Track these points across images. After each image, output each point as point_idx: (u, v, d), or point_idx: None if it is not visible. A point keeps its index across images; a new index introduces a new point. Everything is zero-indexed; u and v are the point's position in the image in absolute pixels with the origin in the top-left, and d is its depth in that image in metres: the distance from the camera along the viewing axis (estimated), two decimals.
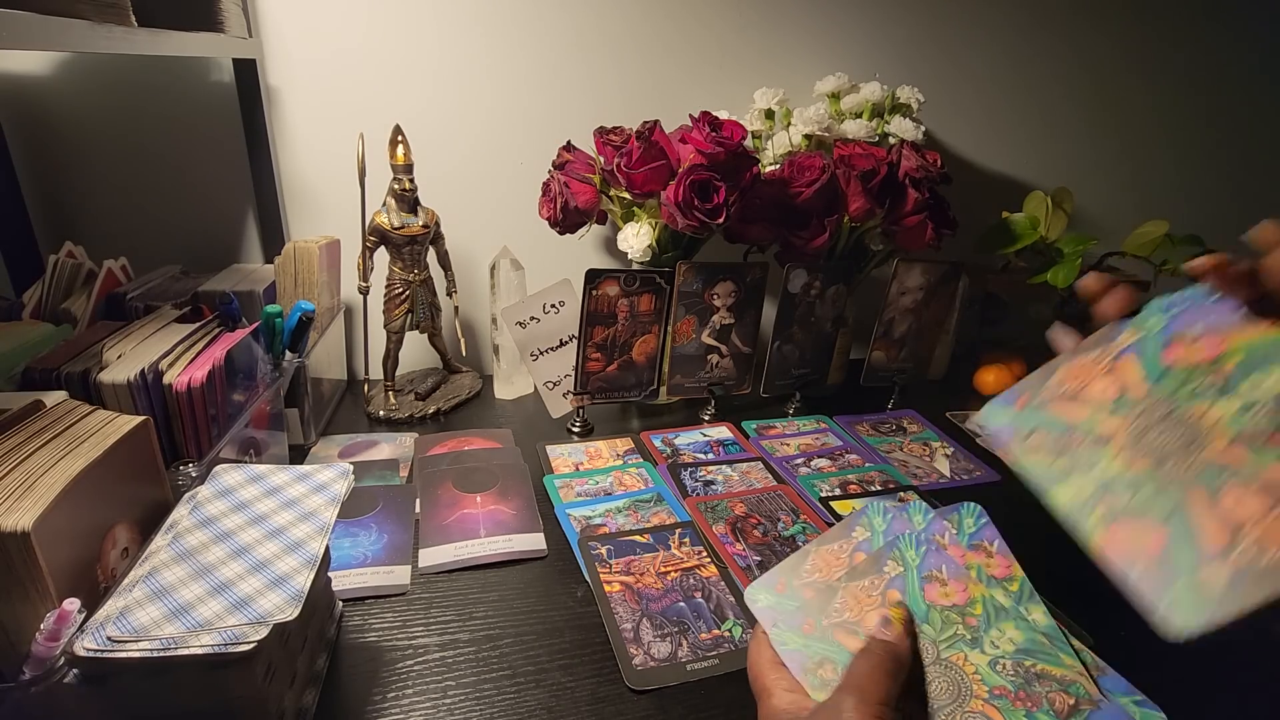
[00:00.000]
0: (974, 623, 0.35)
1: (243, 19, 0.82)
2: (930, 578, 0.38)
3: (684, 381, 0.93)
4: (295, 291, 0.85)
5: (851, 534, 0.40)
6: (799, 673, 0.38)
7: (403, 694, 0.52)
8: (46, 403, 0.49)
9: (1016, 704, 0.31)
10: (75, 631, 0.38)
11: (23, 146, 0.85)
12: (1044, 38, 1.09)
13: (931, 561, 0.38)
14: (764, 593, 0.41)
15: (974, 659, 0.33)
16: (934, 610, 0.36)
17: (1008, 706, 0.31)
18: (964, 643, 0.34)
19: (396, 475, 0.79)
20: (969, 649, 0.34)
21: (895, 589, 0.38)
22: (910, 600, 0.37)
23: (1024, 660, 0.32)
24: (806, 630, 0.39)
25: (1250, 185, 1.26)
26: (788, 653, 0.39)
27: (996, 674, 0.32)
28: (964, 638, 0.35)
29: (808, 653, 0.38)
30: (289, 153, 0.93)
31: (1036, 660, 0.32)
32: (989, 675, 0.33)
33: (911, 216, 0.89)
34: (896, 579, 0.39)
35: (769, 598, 0.40)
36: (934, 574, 0.38)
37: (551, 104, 0.97)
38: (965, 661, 0.34)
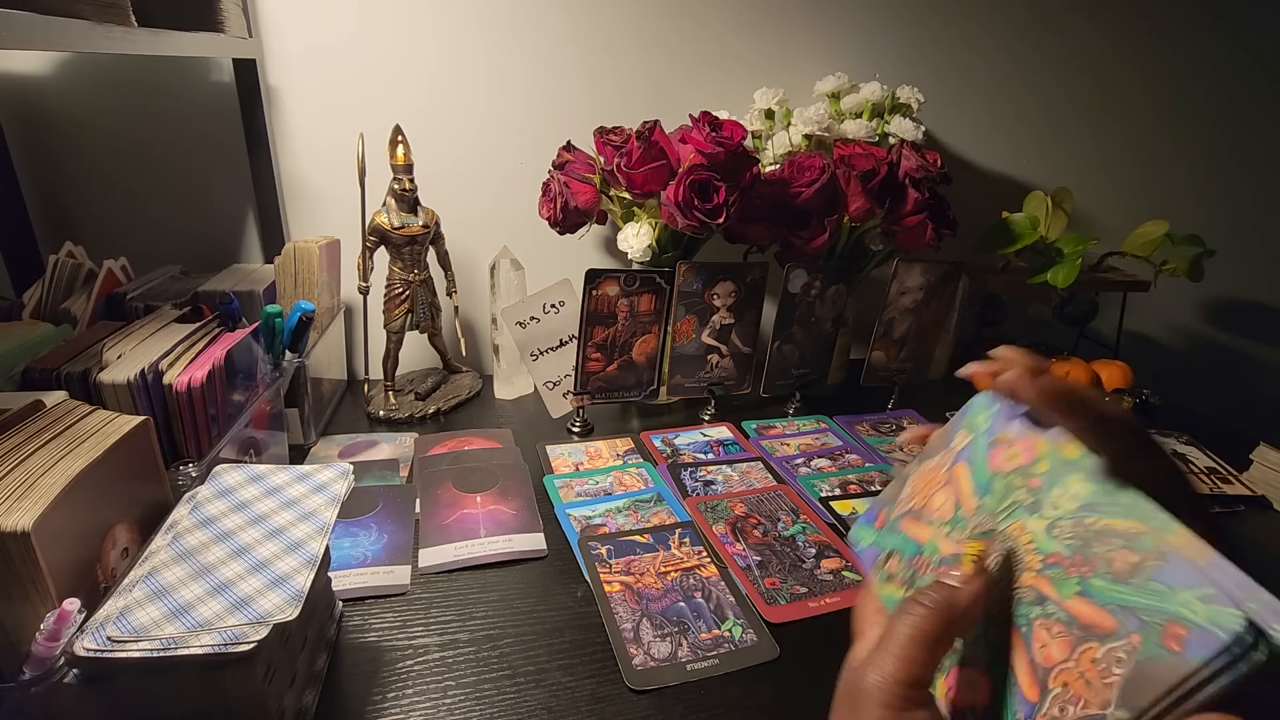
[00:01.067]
0: (1037, 483, 0.30)
1: (243, 19, 0.82)
2: (998, 441, 0.33)
3: (684, 381, 0.93)
4: (295, 291, 0.85)
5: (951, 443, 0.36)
6: (870, 570, 0.36)
7: (403, 694, 0.52)
8: (46, 403, 0.49)
9: (1071, 571, 0.27)
10: (75, 631, 0.38)
11: (23, 146, 0.85)
12: (1044, 37, 1.09)
13: (1002, 422, 0.33)
14: (865, 531, 0.38)
15: (1031, 526, 0.29)
16: (998, 478, 0.32)
17: (1060, 575, 0.27)
18: (1023, 509, 0.30)
19: (396, 475, 0.79)
20: (1028, 515, 0.30)
21: (963, 460, 0.34)
22: (976, 473, 0.33)
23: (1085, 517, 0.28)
24: (879, 525, 0.37)
25: (1250, 185, 1.26)
26: (862, 550, 0.37)
27: (1052, 539, 0.28)
28: (1024, 503, 0.30)
29: (878, 547, 0.36)
30: (289, 153, 0.93)
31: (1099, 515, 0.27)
32: (1044, 542, 0.28)
33: (911, 216, 0.89)
34: (965, 450, 0.34)
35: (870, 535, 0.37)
36: (1002, 435, 0.33)
37: (551, 104, 0.97)
38: (1022, 530, 0.30)
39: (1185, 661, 0.22)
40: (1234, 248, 1.16)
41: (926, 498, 0.35)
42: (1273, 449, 0.83)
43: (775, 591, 0.63)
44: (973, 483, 0.33)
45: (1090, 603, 0.26)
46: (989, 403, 0.35)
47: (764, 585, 0.64)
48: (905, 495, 0.36)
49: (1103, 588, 0.26)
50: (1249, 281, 1.31)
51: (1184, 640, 0.22)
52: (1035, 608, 0.28)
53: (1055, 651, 0.26)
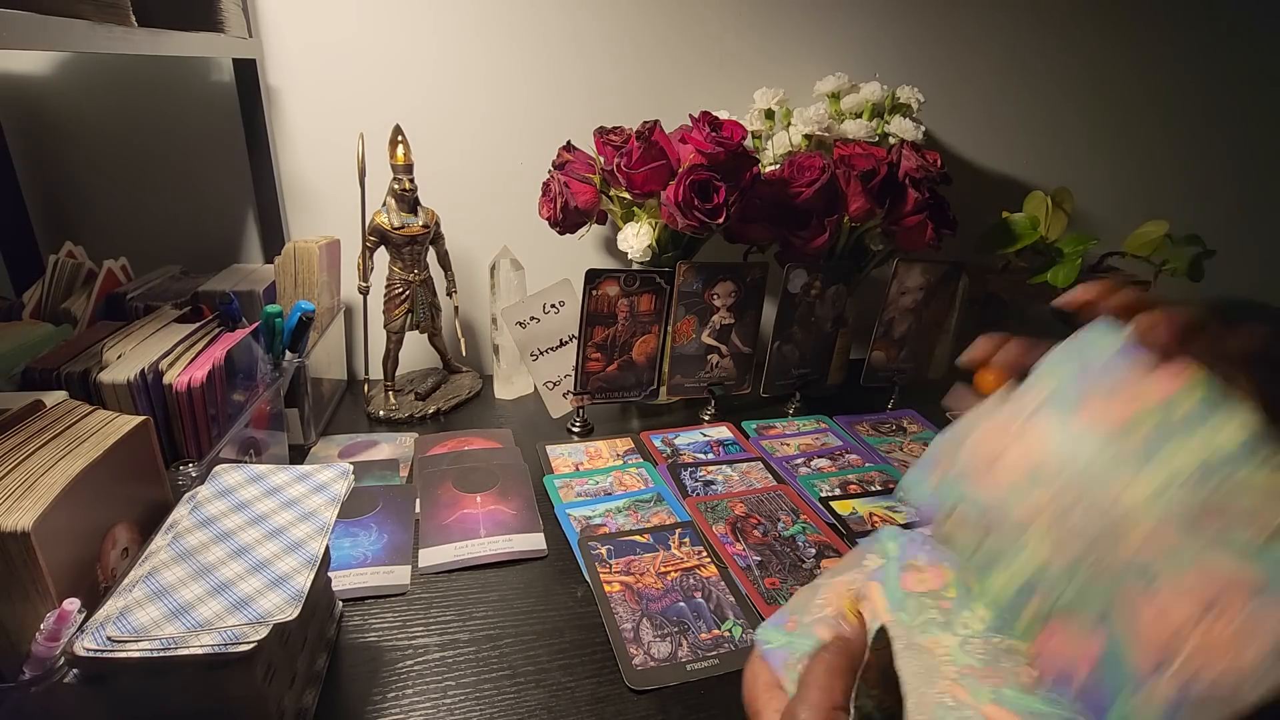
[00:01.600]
0: (947, 605, 0.34)
1: (243, 19, 0.82)
2: (909, 566, 0.37)
3: (684, 381, 0.93)
4: (295, 291, 0.85)
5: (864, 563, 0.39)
6: (780, 670, 0.38)
7: (403, 694, 0.52)
8: (46, 403, 0.49)
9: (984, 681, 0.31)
10: (75, 631, 0.38)
11: (23, 146, 0.85)
12: (1044, 38, 1.09)
13: (911, 550, 0.38)
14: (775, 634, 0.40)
15: (945, 641, 0.33)
16: (910, 597, 0.36)
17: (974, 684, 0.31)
18: (936, 626, 0.34)
19: (396, 475, 0.79)
20: (940, 632, 0.34)
21: (876, 580, 0.38)
22: (888, 591, 0.37)
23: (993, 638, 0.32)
24: (790, 628, 0.39)
25: (1250, 185, 1.26)
26: (771, 651, 0.39)
27: (965, 654, 0.32)
28: (936, 621, 0.34)
29: (790, 649, 0.38)
30: (289, 153, 0.93)
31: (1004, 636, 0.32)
32: (958, 655, 0.32)
33: (911, 216, 0.89)
34: (877, 571, 0.38)
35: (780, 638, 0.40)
36: (912, 562, 0.37)
37: (551, 104, 0.97)
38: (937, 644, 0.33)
39: None
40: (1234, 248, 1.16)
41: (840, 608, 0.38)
42: None
43: (775, 591, 0.63)
44: (886, 599, 0.37)
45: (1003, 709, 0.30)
46: (897, 534, 0.39)
47: (764, 585, 0.64)
48: (819, 604, 0.39)
49: (1014, 696, 0.30)
50: (1249, 281, 1.31)
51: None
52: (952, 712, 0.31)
53: None
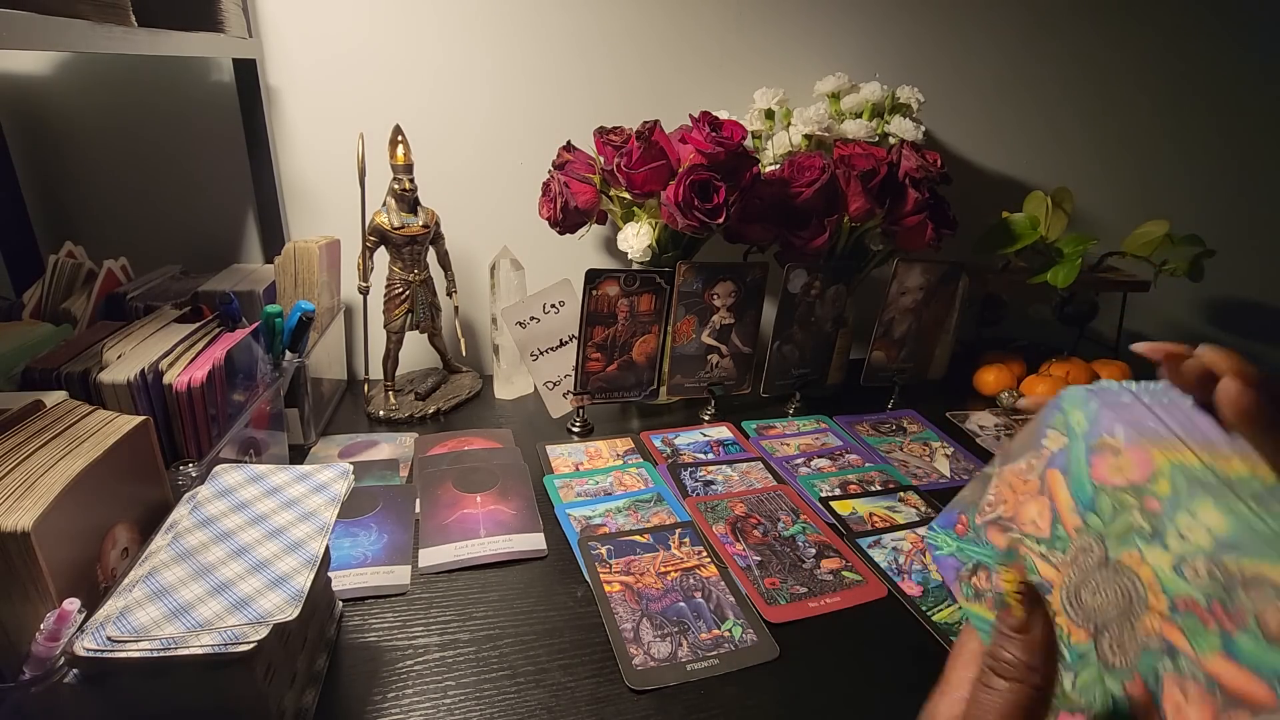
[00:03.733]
0: (1156, 507, 0.25)
1: (243, 19, 0.82)
2: (1101, 447, 0.27)
3: (684, 381, 0.93)
4: (295, 291, 0.85)
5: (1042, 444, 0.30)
6: (951, 582, 0.32)
7: (403, 694, 0.52)
8: (46, 403, 0.49)
9: (1209, 622, 0.22)
10: (75, 631, 0.38)
11: (23, 146, 0.85)
12: (1044, 38, 1.09)
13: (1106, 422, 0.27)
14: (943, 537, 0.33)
15: (1152, 558, 0.24)
16: (1104, 492, 0.27)
17: (1195, 626, 0.23)
18: (1140, 536, 0.25)
19: (396, 475, 0.79)
20: (1145, 544, 0.25)
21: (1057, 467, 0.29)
22: (1074, 483, 0.28)
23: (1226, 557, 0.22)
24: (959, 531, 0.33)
25: (1250, 185, 1.26)
26: (940, 558, 0.33)
27: (1183, 579, 0.23)
28: (1140, 529, 0.25)
29: (960, 557, 0.32)
30: (289, 153, 0.93)
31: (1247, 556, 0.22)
32: (1171, 581, 0.24)
33: (911, 216, 0.89)
34: (1058, 455, 0.29)
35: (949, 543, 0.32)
36: (1106, 440, 0.27)
37: (551, 104, 0.97)
38: (1140, 562, 0.25)
39: None
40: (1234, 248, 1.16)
41: (1016, 506, 0.30)
42: None
43: (775, 591, 0.63)
44: (1072, 496, 0.28)
45: (1237, 664, 0.21)
46: (1084, 399, 0.29)
47: (764, 585, 0.64)
48: (990, 500, 0.32)
49: (1253, 649, 0.21)
50: (1249, 281, 1.31)
51: None
52: (1165, 659, 0.23)
53: (1193, 716, 0.22)
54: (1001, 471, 0.32)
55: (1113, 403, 0.28)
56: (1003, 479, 0.32)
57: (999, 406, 1.02)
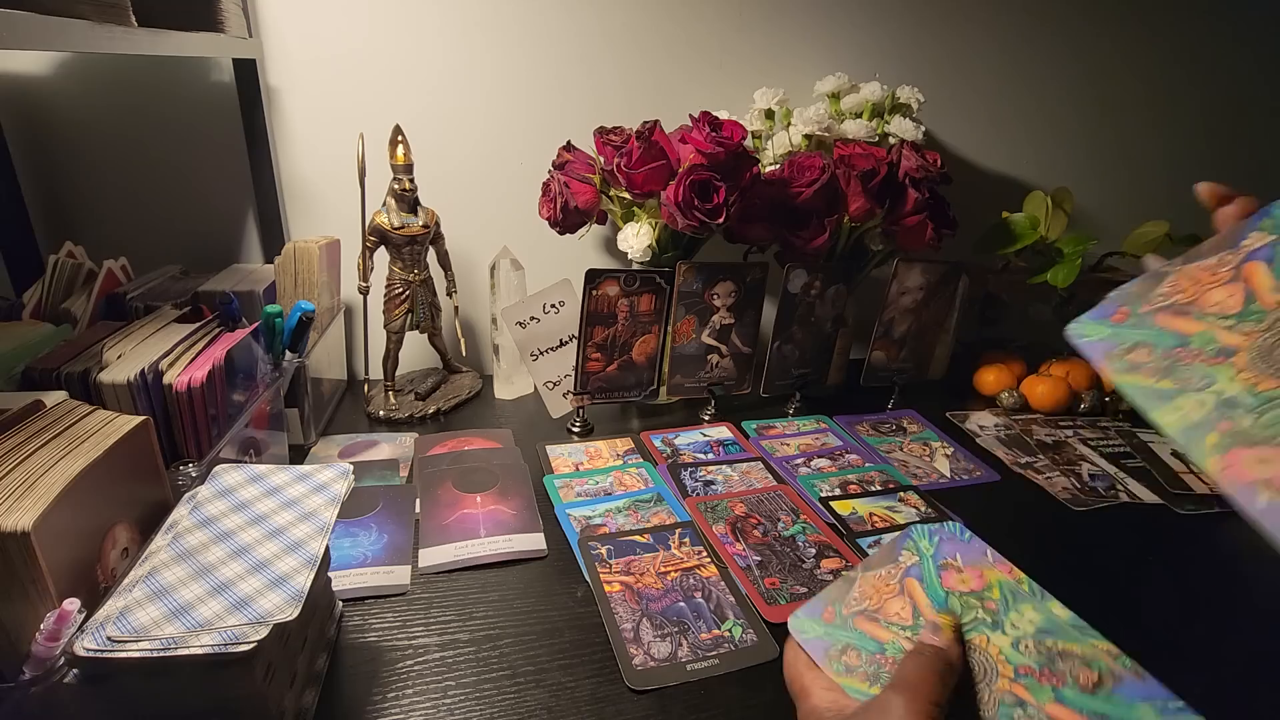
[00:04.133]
0: (993, 606, 0.35)
1: (243, 19, 0.82)
2: (946, 565, 0.37)
3: (684, 381, 0.93)
4: (295, 291, 0.85)
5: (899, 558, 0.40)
6: (821, 660, 0.38)
7: (403, 694, 0.52)
8: (46, 403, 0.49)
9: (1043, 681, 0.31)
10: (75, 631, 0.38)
11: (23, 146, 0.85)
12: (1044, 38, 1.09)
13: (946, 550, 0.38)
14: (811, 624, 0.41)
15: (996, 640, 0.34)
16: (953, 596, 0.36)
17: (1034, 684, 0.32)
18: (985, 625, 0.34)
19: (396, 475, 0.79)
20: (990, 631, 0.34)
21: (913, 577, 0.38)
22: (929, 589, 0.37)
23: (1045, 640, 0.32)
24: (827, 619, 0.39)
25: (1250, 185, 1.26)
26: (808, 640, 0.39)
27: (1020, 653, 0.33)
28: (985, 621, 0.35)
29: (830, 640, 0.39)
30: (289, 153, 0.93)
31: (1058, 639, 0.32)
32: (1013, 655, 0.33)
33: (911, 216, 0.89)
34: (913, 567, 0.38)
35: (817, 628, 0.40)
36: (949, 562, 0.37)
37: (551, 104, 0.97)
38: (988, 644, 0.34)
39: None
40: None
41: (880, 602, 0.38)
42: None
43: (775, 591, 0.63)
44: (928, 597, 0.37)
45: (1066, 708, 0.30)
46: (928, 531, 0.39)
47: (764, 585, 0.64)
48: (855, 596, 0.40)
49: (1074, 697, 0.30)
50: None
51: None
52: (1016, 709, 0.32)
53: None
54: (865, 576, 0.40)
55: (949, 538, 0.38)
56: (864, 581, 0.40)
57: (999, 406, 1.02)
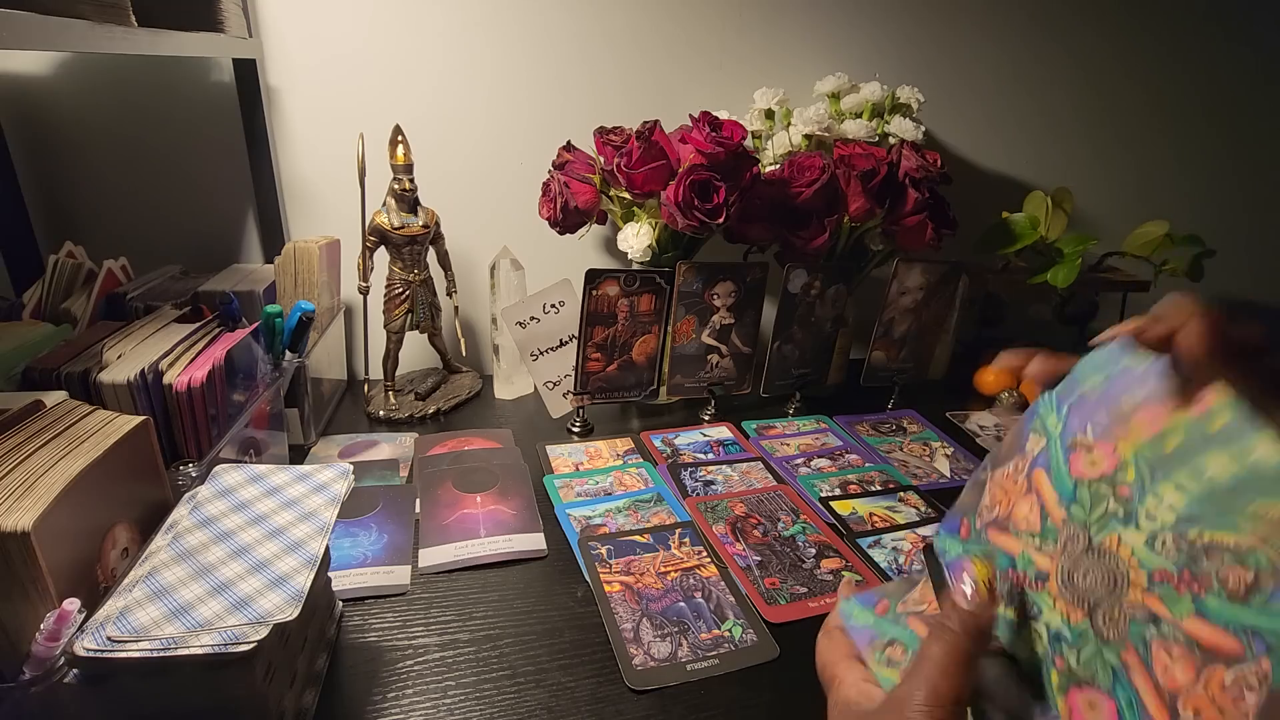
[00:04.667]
0: (1126, 492, 0.28)
1: (243, 19, 0.82)
2: (1075, 445, 0.31)
3: (684, 381, 0.93)
4: (295, 291, 0.85)
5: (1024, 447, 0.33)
6: (864, 647, 0.35)
7: (403, 694, 0.52)
8: (46, 403, 0.49)
9: (1181, 588, 0.26)
10: (75, 631, 0.38)
11: (23, 146, 0.85)
12: (1044, 38, 1.09)
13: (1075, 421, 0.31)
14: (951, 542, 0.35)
15: (1129, 539, 0.28)
16: (1082, 485, 0.30)
17: (1170, 594, 0.26)
18: (1117, 520, 0.28)
19: (396, 475, 0.79)
20: (1123, 527, 0.28)
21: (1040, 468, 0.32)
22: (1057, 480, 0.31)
23: (1188, 530, 0.26)
24: (880, 611, 0.36)
25: (1250, 184, 1.26)
26: (854, 627, 0.36)
27: (1155, 554, 0.27)
28: (1116, 514, 0.28)
29: (877, 631, 0.35)
30: (289, 153, 0.93)
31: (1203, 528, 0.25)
32: (1147, 557, 0.27)
33: (911, 216, 0.89)
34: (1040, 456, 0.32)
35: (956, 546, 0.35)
36: (1078, 439, 0.31)
37: (551, 104, 0.97)
38: (1119, 544, 0.28)
39: None
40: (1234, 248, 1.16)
41: (1009, 507, 0.33)
42: None
43: (775, 591, 0.63)
44: (1055, 491, 0.31)
45: (1209, 623, 0.25)
46: (1055, 403, 0.33)
47: (764, 585, 0.64)
48: (987, 503, 0.34)
49: (1219, 608, 0.24)
50: (1249, 281, 1.31)
51: None
52: (1149, 627, 0.26)
53: (1179, 675, 0.25)
54: (992, 476, 0.35)
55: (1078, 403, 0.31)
56: (994, 483, 0.34)
57: (999, 406, 1.02)
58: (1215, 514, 0.25)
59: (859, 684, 0.34)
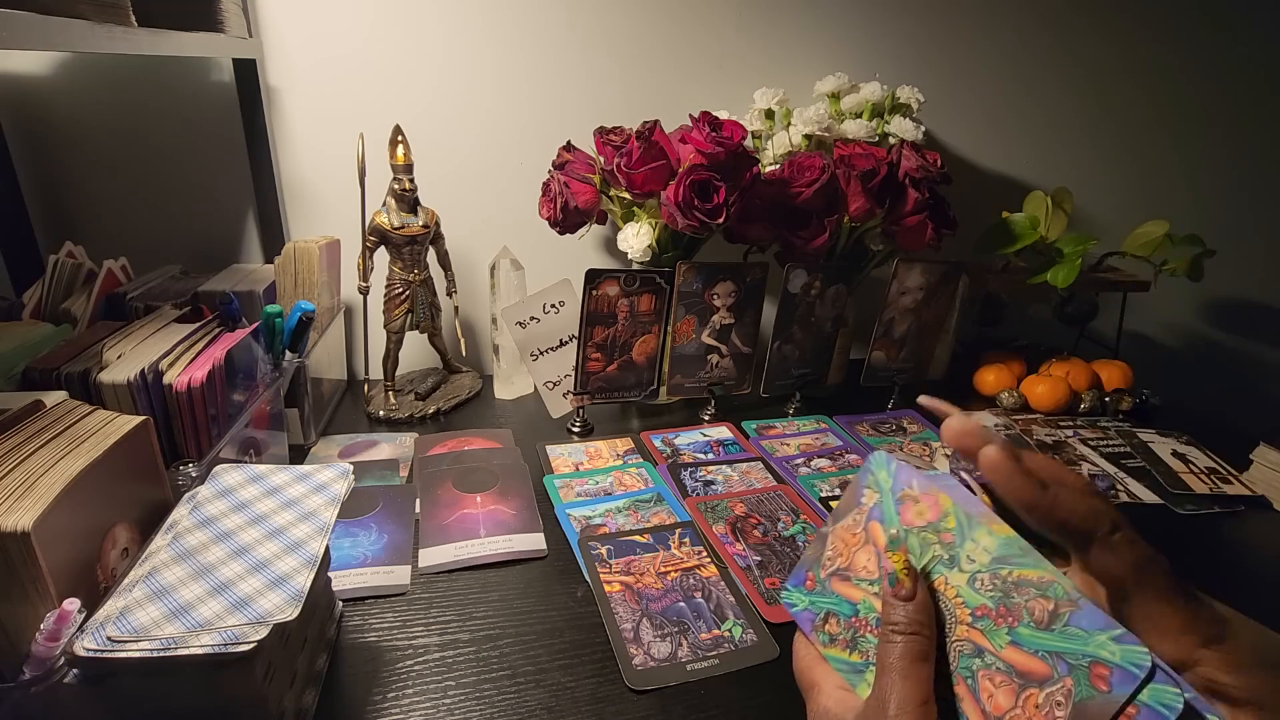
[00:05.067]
0: (950, 538, 0.32)
1: (243, 19, 0.82)
2: (904, 497, 0.35)
3: (684, 381, 0.93)
4: (295, 291, 0.85)
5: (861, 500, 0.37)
6: (809, 632, 0.37)
7: (403, 694, 0.52)
8: (46, 403, 0.49)
9: (999, 622, 0.30)
10: (75, 631, 0.38)
11: (23, 146, 0.85)
12: (1044, 38, 1.09)
13: (904, 477, 0.35)
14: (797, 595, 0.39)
15: (954, 580, 0.32)
16: (912, 534, 0.34)
17: (990, 627, 0.30)
18: (943, 564, 0.32)
19: (396, 475, 0.79)
20: (948, 570, 0.32)
21: (875, 519, 0.36)
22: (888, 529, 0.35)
23: (1000, 569, 0.30)
24: (809, 586, 0.38)
25: (1250, 184, 1.26)
26: (797, 613, 0.38)
27: (976, 592, 0.31)
28: (942, 558, 0.32)
29: (814, 609, 0.37)
30: (289, 153, 0.93)
31: (1012, 566, 0.30)
32: (970, 595, 0.31)
33: (911, 216, 0.89)
34: (874, 509, 0.36)
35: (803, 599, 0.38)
36: (907, 492, 0.35)
37: (551, 104, 0.97)
38: (946, 585, 0.32)
39: (1113, 699, 0.25)
40: (1234, 248, 1.16)
41: (850, 557, 0.36)
42: (1273, 449, 0.83)
43: (775, 591, 0.63)
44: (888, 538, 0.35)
45: (1022, 651, 0.28)
46: (885, 460, 0.37)
47: (764, 585, 0.64)
48: (829, 555, 0.38)
49: (1030, 635, 0.28)
50: (1249, 281, 1.31)
51: (1108, 679, 0.26)
52: (975, 659, 0.30)
53: (1002, 700, 0.28)
54: (834, 529, 0.38)
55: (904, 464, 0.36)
56: (835, 535, 0.38)
57: (999, 406, 1.02)
58: (1018, 555, 0.30)
59: (836, 692, 0.34)
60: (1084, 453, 0.91)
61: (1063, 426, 0.97)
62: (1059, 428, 0.97)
